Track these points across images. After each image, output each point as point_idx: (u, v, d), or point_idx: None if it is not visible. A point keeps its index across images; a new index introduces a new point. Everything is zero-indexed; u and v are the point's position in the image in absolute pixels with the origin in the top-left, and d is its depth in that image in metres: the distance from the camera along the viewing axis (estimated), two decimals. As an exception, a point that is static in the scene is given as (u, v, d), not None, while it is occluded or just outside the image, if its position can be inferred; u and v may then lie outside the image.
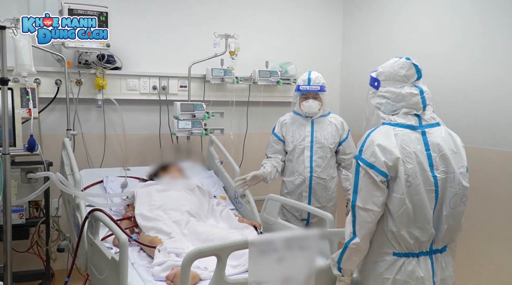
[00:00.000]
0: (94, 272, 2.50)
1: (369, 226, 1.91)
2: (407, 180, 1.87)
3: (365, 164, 1.89)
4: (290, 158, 3.35)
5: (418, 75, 2.00)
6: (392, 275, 1.92)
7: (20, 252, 3.52)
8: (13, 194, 3.12)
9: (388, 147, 1.88)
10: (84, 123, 3.85)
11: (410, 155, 1.90)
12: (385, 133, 1.93)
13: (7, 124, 2.37)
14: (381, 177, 1.87)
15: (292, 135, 3.35)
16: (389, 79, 2.01)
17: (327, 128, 3.33)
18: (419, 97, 1.98)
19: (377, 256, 1.97)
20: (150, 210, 2.83)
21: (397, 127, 1.95)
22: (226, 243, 1.92)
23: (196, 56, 4.00)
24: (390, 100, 2.00)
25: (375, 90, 2.06)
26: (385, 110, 2.02)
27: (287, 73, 4.39)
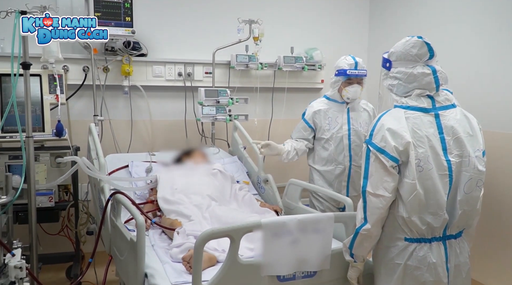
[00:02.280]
0: (116, 253, 2.56)
1: (380, 212, 1.87)
2: (419, 165, 1.82)
3: (375, 149, 1.85)
4: (325, 146, 3.24)
5: (430, 53, 1.91)
6: (403, 261, 1.89)
7: (51, 235, 3.64)
8: (43, 178, 3.22)
9: (399, 131, 1.83)
10: (111, 110, 3.93)
11: (422, 139, 1.84)
12: (396, 117, 1.88)
13: (30, 108, 2.43)
14: (392, 162, 1.82)
15: (328, 123, 3.23)
16: (400, 59, 1.94)
17: (362, 115, 3.26)
18: (432, 77, 1.90)
19: (388, 242, 1.94)
20: (172, 193, 2.87)
21: (408, 110, 1.89)
22: (239, 224, 1.93)
23: (221, 42, 4.01)
24: (402, 81, 1.93)
25: (387, 71, 2.00)
26: (397, 91, 1.96)
27: (313, 59, 4.36)
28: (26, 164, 2.37)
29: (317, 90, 4.58)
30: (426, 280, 1.87)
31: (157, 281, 2.05)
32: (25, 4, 2.74)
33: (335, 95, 3.24)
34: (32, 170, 2.43)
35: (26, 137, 2.40)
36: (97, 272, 3.30)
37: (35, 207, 2.46)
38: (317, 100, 3.37)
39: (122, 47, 3.82)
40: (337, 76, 3.19)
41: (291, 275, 2.00)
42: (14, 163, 3.10)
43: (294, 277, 2.01)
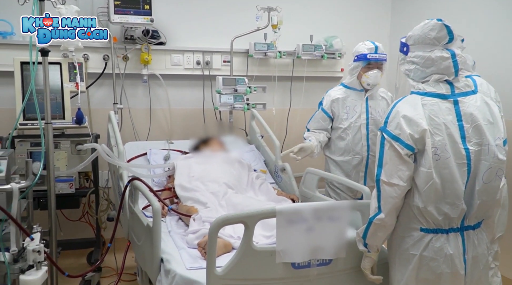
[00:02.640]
0: (134, 238, 2.60)
1: (394, 201, 1.82)
2: (435, 153, 1.76)
3: (390, 137, 1.80)
4: (343, 136, 3.14)
5: (450, 36, 1.83)
6: (419, 252, 1.84)
7: (73, 221, 3.71)
8: (63, 165, 3.27)
9: (415, 118, 1.77)
10: (130, 98, 3.96)
11: (439, 127, 1.78)
12: (412, 103, 1.81)
13: (48, 94, 2.45)
14: (407, 150, 1.77)
15: (346, 112, 3.13)
16: (418, 43, 1.86)
17: (380, 104, 3.16)
18: (451, 61, 1.82)
19: (403, 232, 1.89)
20: (189, 181, 2.89)
21: (425, 96, 1.83)
22: (253, 211, 1.93)
23: (239, 30, 4.00)
24: (419, 65, 1.86)
25: (404, 56, 1.93)
26: (415, 77, 1.89)
27: (332, 47, 4.31)
28: (45, 150, 2.40)
29: (337, 79, 4.53)
30: (443, 271, 1.82)
31: (173, 266, 2.07)
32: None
33: (354, 83, 3.14)
34: (51, 155, 2.47)
35: (45, 123, 2.43)
36: (117, 257, 3.34)
37: (54, 192, 2.50)
38: (334, 88, 3.27)
39: (141, 35, 3.83)
40: (356, 62, 3.09)
41: (306, 263, 1.99)
42: (36, 150, 3.15)
43: (309, 265, 1.99)
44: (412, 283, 1.86)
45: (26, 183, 2.15)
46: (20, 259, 2.03)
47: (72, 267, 3.49)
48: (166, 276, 2.09)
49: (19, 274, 1.98)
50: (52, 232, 2.46)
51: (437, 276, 1.83)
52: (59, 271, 2.31)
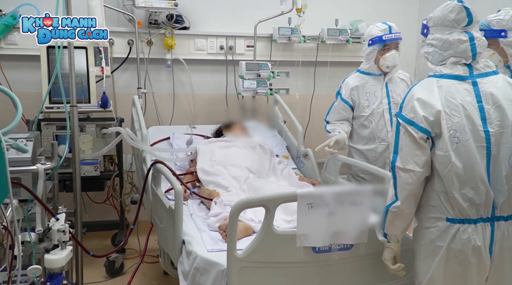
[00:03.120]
0: (156, 221, 2.63)
1: (410, 188, 1.76)
2: (455, 136, 1.70)
3: (404, 121, 1.76)
4: (366, 124, 3.04)
5: (469, 19, 1.76)
6: (446, 243, 1.76)
7: (98, 203, 3.77)
8: (89, 148, 3.32)
9: (429, 101, 1.72)
10: (154, 83, 3.98)
11: (457, 108, 1.72)
12: (427, 86, 1.77)
13: (74, 77, 2.48)
14: (421, 133, 1.72)
15: (367, 98, 3.02)
16: (437, 25, 1.81)
17: (400, 86, 3.06)
18: (468, 45, 1.76)
19: (428, 222, 1.82)
20: (211, 165, 2.91)
21: (442, 78, 1.77)
22: (274, 194, 1.93)
23: (263, 15, 3.96)
24: (437, 48, 1.81)
25: (424, 38, 1.88)
26: (433, 60, 1.84)
27: (358, 32, 4.24)
28: (70, 133, 2.44)
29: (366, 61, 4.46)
30: (471, 262, 1.75)
31: (194, 248, 2.09)
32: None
33: (371, 68, 3.03)
34: (77, 138, 2.50)
35: (70, 106, 2.46)
36: (140, 240, 3.40)
37: (79, 174, 2.54)
38: (351, 75, 3.16)
39: (165, 20, 3.84)
40: (371, 46, 2.99)
41: (326, 247, 1.98)
42: (61, 133, 3.20)
43: (329, 249, 1.99)
44: (439, 275, 1.80)
45: (51, 164, 2.19)
46: (45, 239, 2.06)
47: (96, 248, 3.55)
48: (187, 257, 2.12)
49: (44, 254, 2.01)
50: (77, 213, 2.51)
51: (464, 268, 1.76)
52: (84, 251, 2.36)
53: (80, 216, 2.51)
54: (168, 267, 2.57)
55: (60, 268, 2.01)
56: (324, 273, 2.01)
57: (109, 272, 3.24)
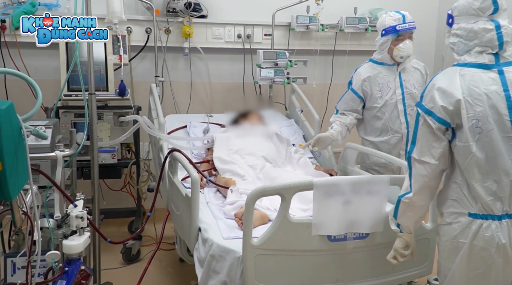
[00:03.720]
0: (173, 208, 2.66)
1: (424, 180, 1.73)
2: (477, 126, 1.64)
3: (424, 111, 1.71)
4: (379, 115, 2.96)
5: (494, 6, 1.69)
6: (468, 240, 1.69)
7: (115, 190, 3.82)
8: (106, 136, 3.36)
9: (449, 90, 1.67)
10: (172, 71, 4.00)
11: (480, 97, 1.65)
12: (448, 75, 1.72)
13: (92, 65, 2.50)
14: (438, 124, 1.68)
15: (380, 89, 2.94)
16: (462, 14, 1.75)
17: (414, 75, 2.98)
18: (494, 33, 1.69)
19: (450, 217, 1.76)
20: (227, 154, 2.92)
21: (465, 67, 1.71)
22: (290, 183, 1.93)
23: (281, 3, 3.94)
24: (462, 38, 1.75)
25: (449, 28, 1.82)
26: (458, 50, 1.77)
27: (377, 20, 4.15)
28: (88, 121, 2.47)
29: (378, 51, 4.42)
30: (495, 261, 1.68)
31: (210, 235, 2.11)
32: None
33: (385, 58, 2.95)
34: (95, 126, 2.53)
35: (89, 94, 2.48)
36: (156, 227, 3.44)
37: (97, 162, 2.57)
38: (363, 65, 3.08)
39: (183, 8, 3.84)
40: (384, 36, 2.90)
41: (342, 236, 1.99)
42: (79, 120, 3.24)
43: (345, 238, 2.00)
44: (462, 272, 1.75)
45: (70, 151, 2.21)
46: (63, 225, 2.09)
47: (114, 235, 3.60)
48: (203, 244, 2.14)
49: (62, 239, 2.05)
50: (94, 199, 2.54)
51: (488, 266, 1.70)
52: (101, 237, 2.39)
53: (97, 203, 2.54)
54: (184, 254, 2.60)
55: (78, 254, 2.04)
56: (339, 261, 2.02)
57: (126, 259, 3.29)
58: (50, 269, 1.97)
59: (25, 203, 1.78)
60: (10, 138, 1.43)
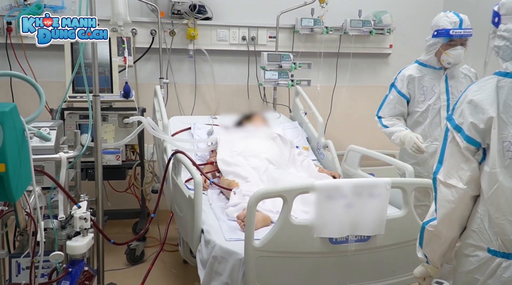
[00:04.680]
0: (176, 210, 2.67)
1: (450, 206, 1.50)
2: (509, 150, 1.40)
3: (453, 127, 1.48)
4: (420, 120, 2.83)
5: None
6: (483, 278, 1.50)
7: (119, 192, 3.83)
8: (111, 138, 3.38)
9: (481, 104, 1.42)
10: (176, 73, 4.02)
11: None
12: (483, 86, 1.47)
13: (96, 67, 2.52)
14: (466, 143, 1.45)
15: (423, 93, 2.79)
16: (511, 13, 1.46)
17: (463, 82, 2.79)
18: None
19: (468, 249, 1.55)
20: (231, 156, 2.93)
21: (506, 77, 1.44)
22: (292, 185, 1.94)
23: (285, 5, 3.96)
24: (509, 42, 1.46)
25: (495, 28, 1.53)
26: (504, 55, 1.48)
27: (381, 23, 4.19)
28: (93, 122, 2.48)
29: (385, 55, 4.43)
30: None
31: (212, 237, 2.12)
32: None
33: (431, 60, 2.77)
34: (99, 128, 2.55)
35: (93, 96, 2.50)
36: (160, 229, 3.45)
37: (101, 163, 2.58)
38: (408, 66, 2.89)
39: (188, 10, 3.85)
40: (435, 37, 2.70)
41: (343, 238, 1.99)
42: (84, 122, 3.26)
43: (346, 240, 2.00)
44: None
45: (74, 153, 2.24)
46: (67, 226, 2.11)
47: (118, 236, 3.60)
48: (206, 246, 2.15)
49: (66, 240, 2.07)
50: (98, 201, 2.56)
51: None
52: (105, 238, 2.41)
53: (101, 204, 2.56)
54: (187, 255, 2.62)
55: (82, 255, 2.06)
56: (341, 263, 2.02)
57: (130, 260, 3.31)
58: (54, 270, 1.99)
59: (29, 204, 1.80)
60: (13, 140, 1.45)
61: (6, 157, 1.39)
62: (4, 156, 1.39)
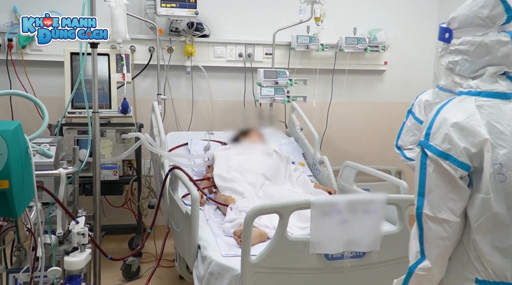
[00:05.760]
0: (173, 225, 2.69)
1: (444, 244, 1.34)
2: (499, 172, 1.29)
3: (436, 154, 1.32)
4: None
5: (508, 14, 1.37)
6: None
7: (116, 207, 3.85)
8: (109, 153, 3.40)
9: (469, 126, 1.31)
10: (174, 89, 4.07)
11: (503, 136, 1.31)
12: (462, 107, 1.36)
13: (96, 84, 2.56)
14: (461, 170, 1.30)
15: None
16: (465, 26, 1.41)
17: None
18: (510, 47, 1.36)
19: (454, 281, 1.40)
20: (227, 171, 2.96)
21: (481, 96, 1.36)
22: (288, 201, 1.97)
23: (281, 23, 4.02)
24: (467, 55, 1.40)
25: (446, 45, 1.48)
26: (462, 71, 1.44)
27: (376, 40, 4.27)
28: (91, 138, 2.52)
29: (380, 72, 4.50)
30: None
31: (209, 253, 2.15)
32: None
33: (450, 84, 2.74)
34: (97, 143, 2.58)
35: (92, 112, 2.54)
36: (157, 244, 3.47)
37: (99, 178, 2.61)
38: (426, 91, 2.77)
39: (186, 28, 3.92)
40: None
41: (339, 255, 2.02)
42: (83, 137, 3.29)
43: (342, 257, 2.02)
44: None
45: (73, 169, 2.26)
46: (65, 241, 2.13)
47: (114, 251, 3.63)
48: (202, 262, 2.17)
49: (63, 256, 2.08)
50: (96, 216, 2.58)
51: None
52: (102, 254, 2.42)
53: (99, 220, 2.59)
54: (183, 271, 2.63)
55: (79, 270, 2.07)
56: (337, 280, 2.04)
57: (126, 275, 3.31)
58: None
59: (29, 220, 1.83)
60: (17, 158, 1.48)
61: (10, 174, 1.43)
62: (8, 173, 1.43)
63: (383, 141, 4.25)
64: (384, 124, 4.38)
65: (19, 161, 1.50)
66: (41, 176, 2.15)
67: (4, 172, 1.43)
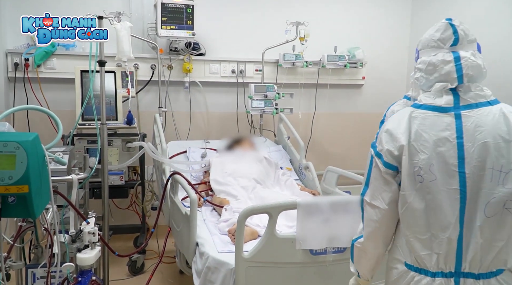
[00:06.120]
0: (174, 225, 2.72)
1: (375, 225, 1.47)
2: (419, 174, 1.37)
3: (374, 153, 1.47)
4: None
5: (455, 37, 1.42)
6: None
7: (122, 209, 3.86)
8: (115, 160, 3.42)
9: (394, 133, 1.41)
10: (173, 102, 4.10)
11: (426, 144, 1.37)
12: (398, 116, 1.45)
13: (104, 99, 2.60)
14: (386, 168, 1.42)
15: None
16: (425, 47, 1.48)
17: None
18: (453, 65, 1.40)
19: (392, 262, 1.51)
20: (222, 176, 3.00)
21: (419, 109, 1.42)
22: (276, 203, 2.01)
23: (270, 43, 4.07)
24: (423, 72, 1.47)
25: (415, 63, 1.55)
26: (421, 86, 1.50)
27: (355, 57, 4.33)
28: (100, 147, 2.55)
29: (358, 86, 4.57)
30: None
31: (206, 249, 2.17)
32: (103, 10, 2.95)
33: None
34: (106, 151, 2.61)
35: (101, 124, 2.57)
36: (159, 242, 3.49)
37: (107, 183, 2.64)
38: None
39: (184, 47, 3.96)
40: None
41: (322, 250, 2.06)
42: (92, 146, 3.32)
43: (325, 252, 2.06)
44: None
45: (84, 174, 2.29)
46: (77, 240, 2.15)
47: (120, 249, 3.63)
48: (200, 257, 2.20)
49: (76, 253, 2.10)
50: (104, 217, 2.60)
51: None
52: (110, 251, 2.45)
53: (107, 221, 2.61)
54: (183, 266, 2.66)
55: (90, 266, 2.09)
56: (321, 272, 2.08)
57: (131, 271, 3.32)
58: (65, 279, 2.02)
59: (46, 221, 1.85)
60: (35, 165, 1.51)
61: (30, 180, 1.46)
62: (28, 179, 1.46)
63: (362, 147, 4.29)
64: (363, 133, 4.44)
65: (37, 168, 1.53)
66: (56, 182, 2.17)
67: (24, 178, 1.46)
